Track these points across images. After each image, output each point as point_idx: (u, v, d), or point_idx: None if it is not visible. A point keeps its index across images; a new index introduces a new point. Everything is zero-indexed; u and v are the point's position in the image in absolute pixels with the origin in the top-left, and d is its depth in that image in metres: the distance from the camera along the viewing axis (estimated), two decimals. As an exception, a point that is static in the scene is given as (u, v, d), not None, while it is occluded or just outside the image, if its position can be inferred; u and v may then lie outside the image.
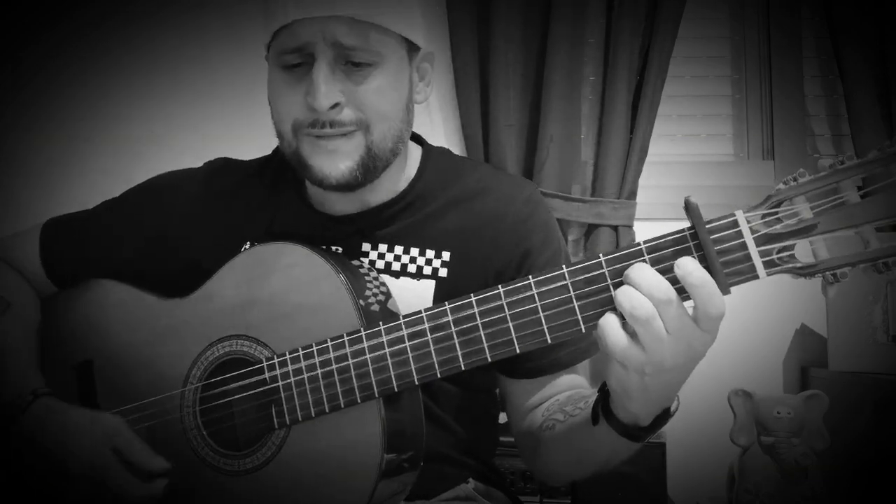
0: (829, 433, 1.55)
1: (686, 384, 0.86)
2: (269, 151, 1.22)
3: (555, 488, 1.61)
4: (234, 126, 2.03)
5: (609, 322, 0.78)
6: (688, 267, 0.76)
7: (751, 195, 2.03)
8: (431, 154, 1.15)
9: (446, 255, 1.06)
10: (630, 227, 1.92)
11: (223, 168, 1.20)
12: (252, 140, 1.30)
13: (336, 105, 0.97)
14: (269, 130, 1.07)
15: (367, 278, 1.02)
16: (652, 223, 1.98)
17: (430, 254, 1.07)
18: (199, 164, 1.23)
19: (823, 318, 1.79)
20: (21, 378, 1.03)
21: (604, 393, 0.88)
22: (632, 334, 0.77)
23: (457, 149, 2.01)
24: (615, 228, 1.91)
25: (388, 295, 1.01)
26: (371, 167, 1.01)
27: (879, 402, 1.62)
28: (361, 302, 0.94)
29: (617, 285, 0.79)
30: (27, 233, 1.20)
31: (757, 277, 0.77)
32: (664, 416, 0.87)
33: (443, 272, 1.06)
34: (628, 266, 0.78)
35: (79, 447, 0.97)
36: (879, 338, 1.70)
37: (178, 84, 2.09)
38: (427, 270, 1.06)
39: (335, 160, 0.99)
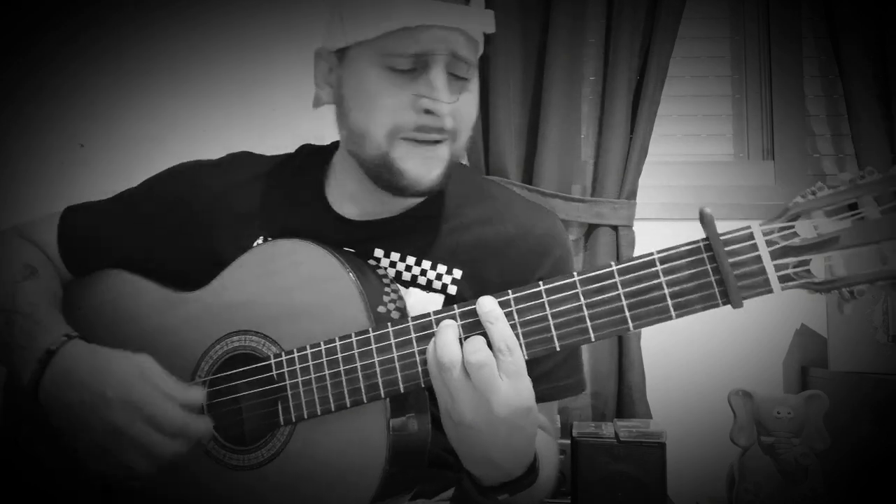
0: (829, 433, 1.55)
1: (686, 384, 0.86)
2: (267, 151, 1.22)
3: (555, 489, 1.61)
4: (233, 126, 2.03)
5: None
6: (485, 306, 0.84)
7: (751, 195, 2.04)
8: (455, 170, 1.15)
9: (458, 273, 1.07)
10: (630, 227, 1.92)
11: (245, 160, 1.20)
12: (252, 140, 1.30)
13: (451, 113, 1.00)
14: (269, 130, 1.07)
15: (384, 280, 1.02)
16: (652, 223, 1.98)
17: (441, 269, 1.07)
18: (198, 163, 1.22)
19: (823, 318, 1.79)
20: (51, 328, 1.02)
21: None
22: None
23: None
24: (615, 228, 1.91)
25: (405, 305, 1.02)
26: (448, 175, 1.03)
27: (880, 402, 1.62)
28: (381, 309, 0.95)
29: (628, 295, 0.81)
30: (48, 219, 1.21)
31: (771, 291, 0.77)
32: (512, 484, 0.90)
33: (452, 289, 1.06)
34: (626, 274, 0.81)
35: (115, 374, 0.94)
36: (879, 338, 1.70)
37: (178, 83, 2.09)
38: (437, 285, 1.06)
39: (430, 166, 1.01)
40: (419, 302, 1.05)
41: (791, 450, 1.55)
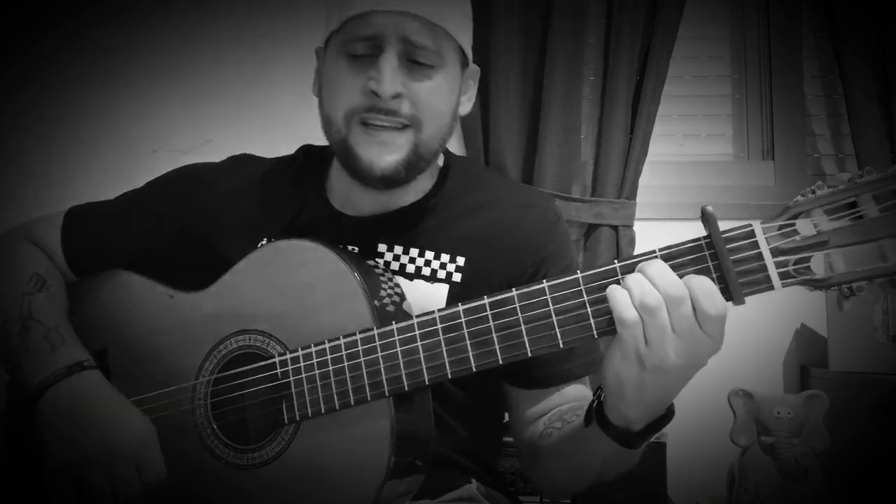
0: (829, 433, 1.55)
1: (686, 383, 0.85)
2: (267, 152, 1.23)
3: (555, 488, 1.61)
4: (235, 126, 2.03)
5: (619, 293, 0.78)
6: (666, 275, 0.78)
7: (751, 195, 2.04)
8: (453, 161, 1.17)
9: (461, 261, 1.07)
10: (630, 226, 1.92)
11: (247, 162, 1.21)
12: (252, 140, 1.30)
13: (398, 95, 1.00)
14: (270, 130, 1.07)
15: (381, 279, 1.02)
16: (652, 223, 1.98)
17: (444, 258, 1.08)
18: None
19: (823, 318, 1.79)
20: (76, 346, 1.06)
21: (599, 397, 0.88)
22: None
23: (456, 149, 2.01)
24: (615, 228, 1.91)
25: (402, 297, 1.02)
26: (415, 165, 1.04)
27: (879, 402, 1.62)
28: (376, 302, 0.95)
29: None
30: (51, 219, 1.21)
31: (772, 288, 0.77)
32: (657, 423, 0.87)
33: (456, 277, 1.07)
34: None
35: (111, 441, 0.98)
36: (879, 338, 1.70)
37: (178, 84, 2.09)
38: (441, 274, 1.07)
39: (383, 152, 1.01)
40: (424, 294, 1.06)
41: (791, 450, 1.55)
